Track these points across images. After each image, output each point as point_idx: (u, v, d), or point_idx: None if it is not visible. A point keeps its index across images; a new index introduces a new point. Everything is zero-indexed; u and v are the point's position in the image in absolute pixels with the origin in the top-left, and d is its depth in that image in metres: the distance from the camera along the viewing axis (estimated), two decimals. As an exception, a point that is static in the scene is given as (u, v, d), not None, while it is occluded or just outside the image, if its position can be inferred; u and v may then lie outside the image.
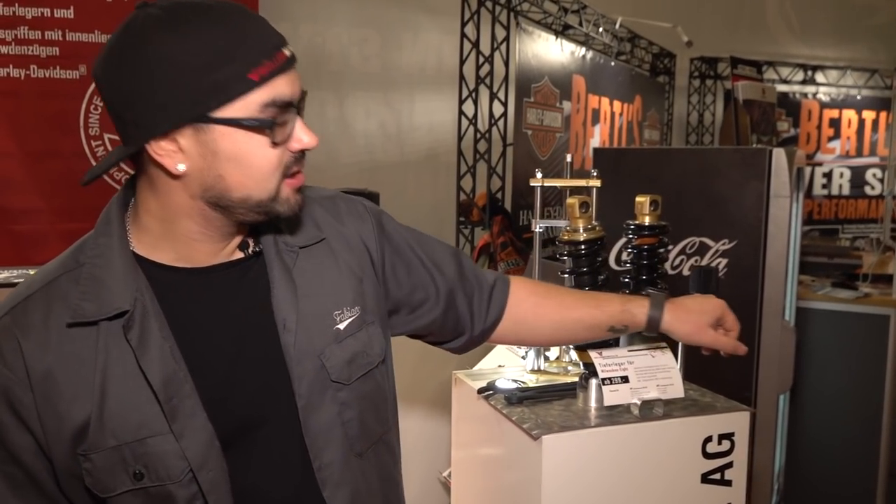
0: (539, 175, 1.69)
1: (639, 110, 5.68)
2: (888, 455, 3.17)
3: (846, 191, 7.85)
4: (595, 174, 1.66)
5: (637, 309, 1.27)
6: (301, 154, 0.96)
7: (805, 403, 3.29)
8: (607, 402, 1.39)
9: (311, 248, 1.07)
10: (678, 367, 1.59)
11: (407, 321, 1.22)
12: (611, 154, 2.89)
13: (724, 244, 2.65)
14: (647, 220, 1.52)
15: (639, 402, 1.40)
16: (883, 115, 7.80)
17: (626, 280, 1.56)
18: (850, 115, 7.85)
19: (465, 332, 1.26)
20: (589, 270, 1.46)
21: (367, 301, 1.11)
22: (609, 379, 1.40)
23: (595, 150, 2.82)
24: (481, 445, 1.64)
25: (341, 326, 1.05)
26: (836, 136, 7.84)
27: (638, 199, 1.54)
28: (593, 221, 1.50)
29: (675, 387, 1.44)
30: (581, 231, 1.46)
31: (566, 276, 1.49)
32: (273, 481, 1.02)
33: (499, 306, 1.27)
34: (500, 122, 3.73)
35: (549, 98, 3.89)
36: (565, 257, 1.48)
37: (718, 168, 2.65)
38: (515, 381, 1.68)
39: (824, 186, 7.83)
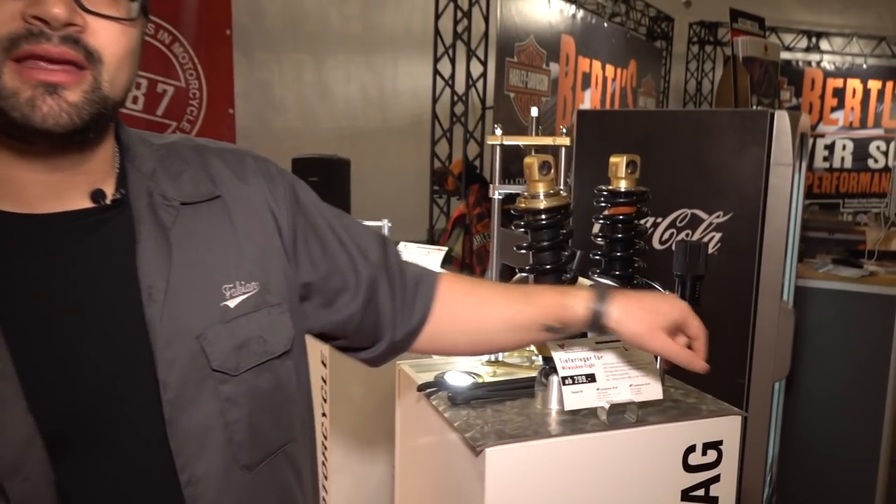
0: (498, 132, 1.43)
1: (633, 76, 5.37)
2: (890, 442, 2.95)
3: (848, 164, 7.57)
4: (564, 132, 1.40)
5: (576, 302, 1.02)
6: (43, 34, 0.70)
7: (802, 389, 3.06)
8: (568, 407, 1.14)
9: (200, 205, 0.87)
10: (657, 361, 1.34)
11: (319, 315, 1.00)
12: (595, 116, 2.63)
13: (718, 217, 2.42)
14: (622, 185, 1.27)
15: (607, 406, 1.16)
16: (889, 84, 7.49)
17: (597, 257, 1.30)
18: (854, 84, 7.54)
19: (384, 335, 1.04)
20: (551, 245, 1.21)
21: (271, 278, 0.90)
22: (571, 378, 1.15)
23: (578, 112, 2.55)
24: (424, 449, 1.40)
25: (231, 304, 0.85)
26: (840, 106, 7.53)
27: (612, 159, 1.28)
28: (557, 186, 1.24)
29: (651, 387, 1.19)
30: (541, 197, 1.20)
31: (523, 251, 1.24)
32: (122, 498, 0.79)
33: (424, 305, 1.04)
34: (479, 84, 3.44)
35: (534, 59, 3.60)
36: (522, 230, 1.23)
37: (714, 132, 2.40)
38: (469, 373, 1.44)
39: (825, 159, 7.55)
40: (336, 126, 5.66)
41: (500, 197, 1.47)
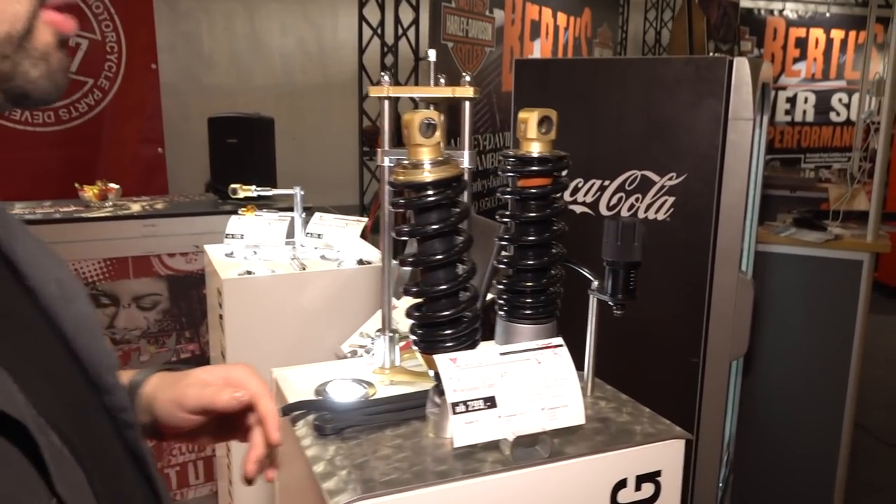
0: (385, 79, 1.13)
1: (588, 25, 5.06)
2: (853, 408, 2.77)
3: (810, 117, 7.37)
4: (468, 80, 1.10)
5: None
6: None
7: (760, 363, 2.86)
8: (460, 442, 0.87)
9: None
10: (586, 373, 1.08)
11: None
12: (535, 67, 2.32)
13: (671, 179, 2.16)
14: (534, 149, 0.98)
15: (512, 438, 0.89)
16: (853, 34, 7.25)
17: (504, 241, 1.02)
18: (817, 34, 7.30)
19: None
20: (441, 229, 0.92)
21: None
22: (464, 404, 0.88)
23: (516, 62, 2.25)
24: (294, 488, 1.12)
25: (82, 295, 0.71)
26: (802, 57, 7.30)
27: (521, 115, 0.99)
28: (456, 151, 0.95)
29: (570, 410, 0.93)
30: (425, 167, 0.91)
31: (405, 237, 0.95)
32: None
33: None
34: (411, 32, 3.10)
35: (475, 4, 3.27)
36: (401, 209, 0.94)
37: (667, 83, 2.12)
38: (360, 381, 1.17)
39: (787, 112, 7.34)
40: (272, 83, 5.28)
41: (391, 164, 1.17)
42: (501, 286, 1.02)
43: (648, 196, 2.18)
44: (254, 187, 2.24)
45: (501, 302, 1.02)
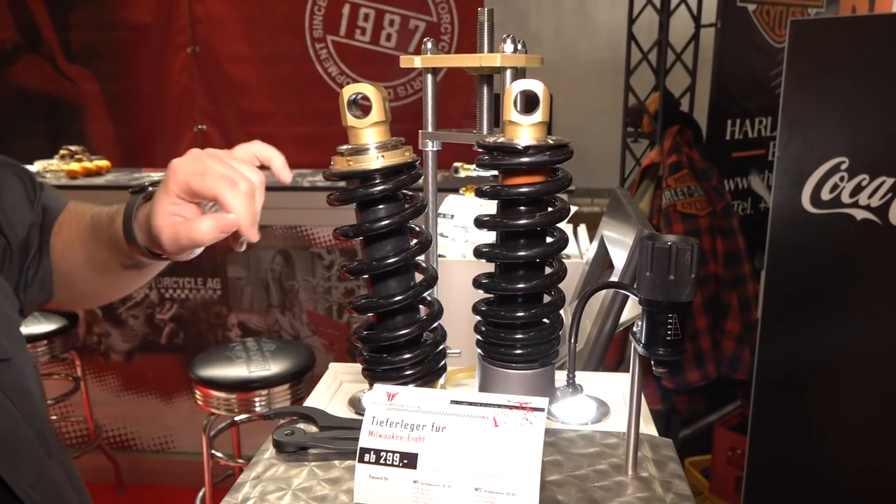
0: (429, 46, 0.95)
1: None
2: None
3: None
4: (508, 42, 0.86)
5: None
6: None
7: None
8: (359, 498, 0.69)
9: None
10: (629, 446, 0.79)
11: None
12: (817, 28, 1.79)
13: None
14: (521, 136, 0.71)
15: (425, 516, 0.68)
16: None
17: (487, 252, 0.77)
18: None
19: None
20: (391, 225, 0.73)
21: None
22: (374, 452, 0.69)
23: (791, 23, 1.76)
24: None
25: None
26: None
27: (508, 88, 0.73)
28: (395, 138, 0.75)
29: (522, 498, 0.67)
30: (371, 152, 0.72)
31: (349, 237, 0.77)
32: None
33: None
34: (694, -5, 2.61)
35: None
36: (338, 202, 0.76)
37: None
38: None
39: None
40: (596, 58, 5.10)
41: (435, 149, 0.98)
42: (479, 316, 0.78)
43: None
44: (473, 166, 2.16)
45: (479, 337, 0.78)
